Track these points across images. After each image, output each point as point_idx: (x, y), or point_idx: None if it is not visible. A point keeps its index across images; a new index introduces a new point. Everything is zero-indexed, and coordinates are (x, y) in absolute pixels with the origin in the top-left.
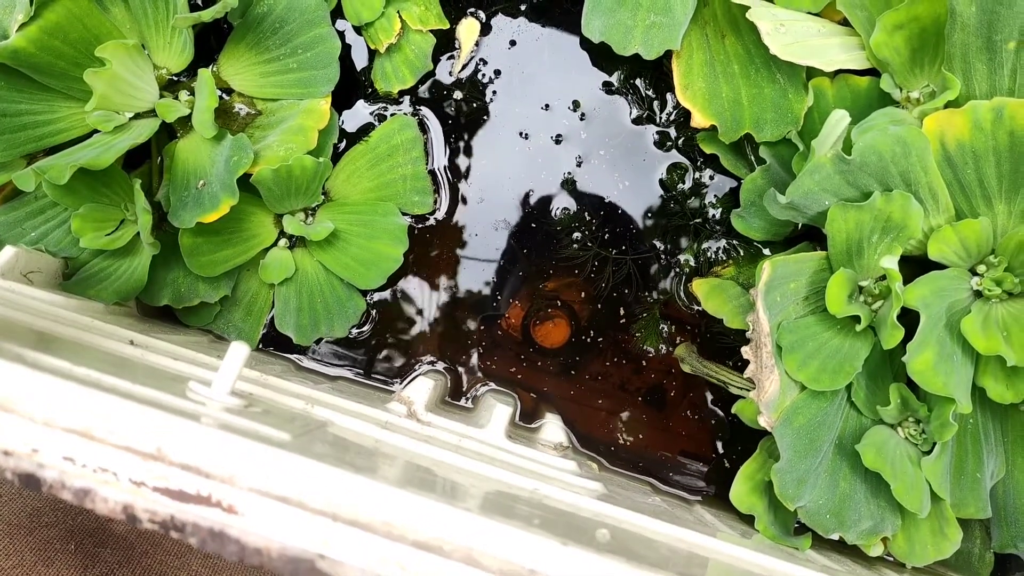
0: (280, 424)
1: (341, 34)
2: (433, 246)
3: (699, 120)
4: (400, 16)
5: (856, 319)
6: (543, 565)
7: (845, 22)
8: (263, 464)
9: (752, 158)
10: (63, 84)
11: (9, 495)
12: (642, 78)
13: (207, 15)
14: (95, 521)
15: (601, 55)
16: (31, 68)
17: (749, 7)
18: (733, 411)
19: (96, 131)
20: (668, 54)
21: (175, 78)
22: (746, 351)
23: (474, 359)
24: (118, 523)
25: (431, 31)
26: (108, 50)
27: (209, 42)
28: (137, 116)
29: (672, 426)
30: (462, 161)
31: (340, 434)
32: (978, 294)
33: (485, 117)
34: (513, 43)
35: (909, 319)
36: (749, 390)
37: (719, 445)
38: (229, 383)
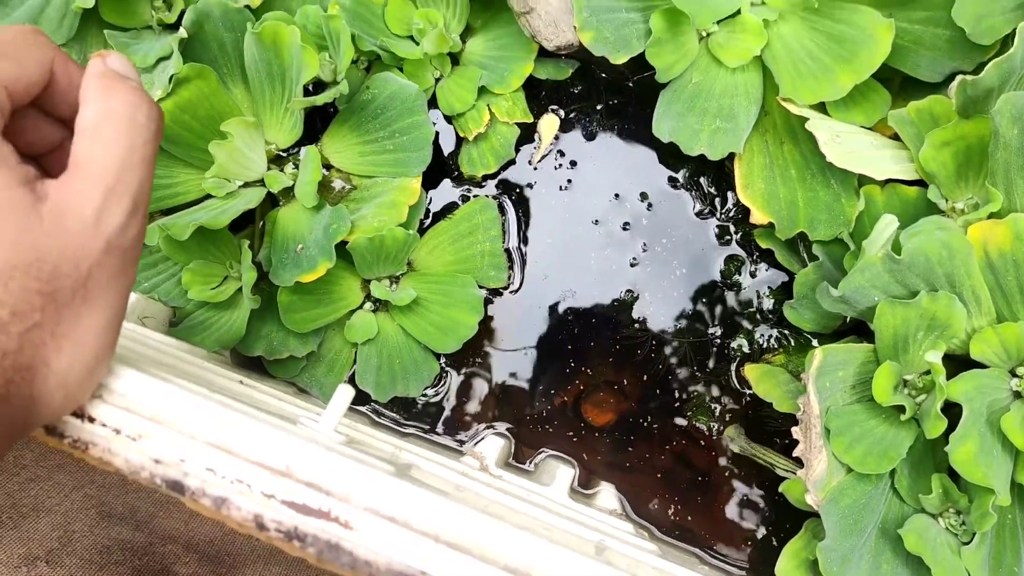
0: (379, 459)
1: (434, 122)
2: (504, 318)
3: (757, 217)
4: (489, 109)
5: (901, 409)
6: None
7: (895, 136)
8: (375, 486)
9: (804, 255)
10: (186, 153)
11: (82, 531)
12: (705, 176)
13: (320, 100)
14: (160, 562)
15: (669, 153)
16: (167, 139)
17: (808, 119)
18: (780, 490)
19: (209, 196)
20: (731, 156)
21: (282, 153)
22: (796, 431)
23: (535, 426)
24: (183, 564)
25: (516, 123)
26: (231, 125)
27: (314, 122)
28: (246, 185)
29: (720, 502)
30: (536, 242)
31: (424, 477)
32: (1017, 395)
33: (560, 203)
34: (589, 138)
35: (951, 414)
36: (794, 472)
37: (764, 523)
38: (335, 421)
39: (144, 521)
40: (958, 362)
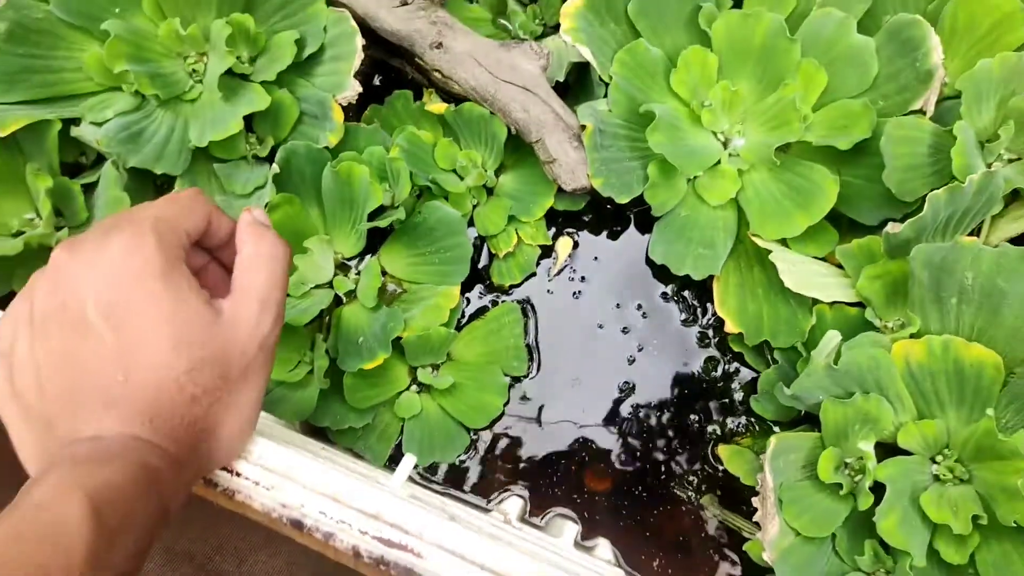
0: (436, 508)
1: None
2: (523, 400)
3: (730, 327)
4: (517, 233)
5: (839, 486)
6: None
7: (840, 266)
8: (438, 527)
9: (768, 358)
10: None
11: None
12: (690, 291)
13: (383, 222)
14: None
15: (660, 272)
16: None
17: (772, 251)
18: (744, 548)
19: (288, 295)
20: (711, 276)
21: (347, 261)
22: (756, 501)
23: (546, 489)
24: None
25: (537, 244)
26: (312, 242)
27: (373, 236)
28: (317, 287)
29: (696, 558)
30: (550, 340)
31: (469, 523)
32: (936, 477)
33: (571, 309)
34: (596, 258)
35: (879, 491)
36: (755, 534)
37: None
38: (403, 479)
39: (202, 563)
40: (890, 448)
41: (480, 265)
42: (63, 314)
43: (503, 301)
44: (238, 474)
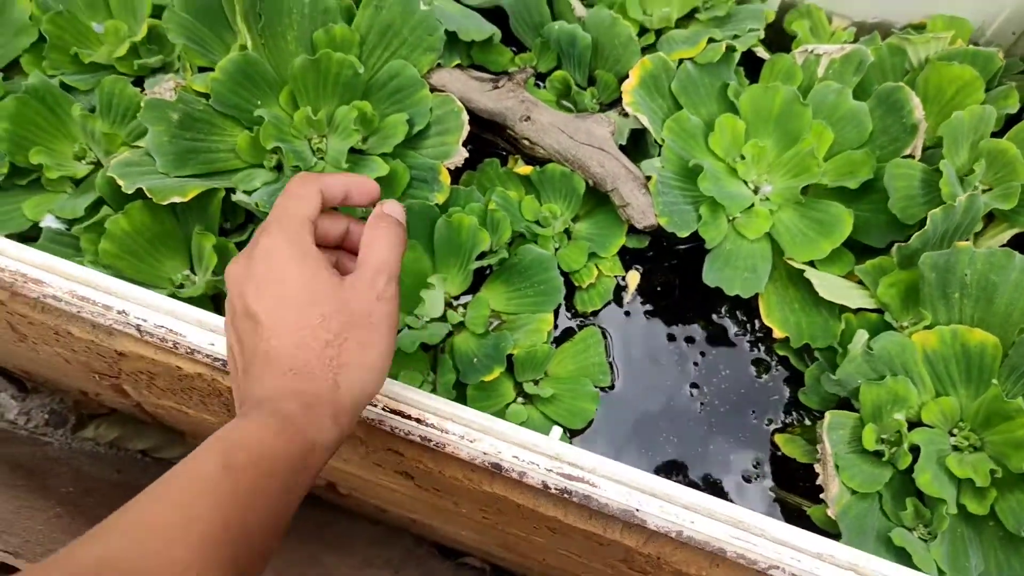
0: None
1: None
2: (608, 406)
3: (777, 333)
4: (597, 267)
5: (880, 454)
6: None
7: (860, 281)
8: (603, 463)
9: (807, 359)
10: (403, 302)
11: None
12: (739, 308)
13: (489, 262)
14: None
15: (715, 293)
16: None
17: (804, 270)
18: (807, 512)
19: (409, 327)
20: (756, 295)
21: (453, 299)
22: (817, 467)
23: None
24: None
25: (614, 276)
26: (435, 279)
27: (474, 277)
28: (432, 320)
29: None
30: (628, 356)
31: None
32: (955, 447)
33: (643, 328)
34: (661, 285)
35: (915, 457)
36: (811, 508)
37: None
38: (556, 438)
39: None
40: (915, 426)
41: (567, 294)
42: (236, 310)
43: (587, 325)
44: (446, 431)
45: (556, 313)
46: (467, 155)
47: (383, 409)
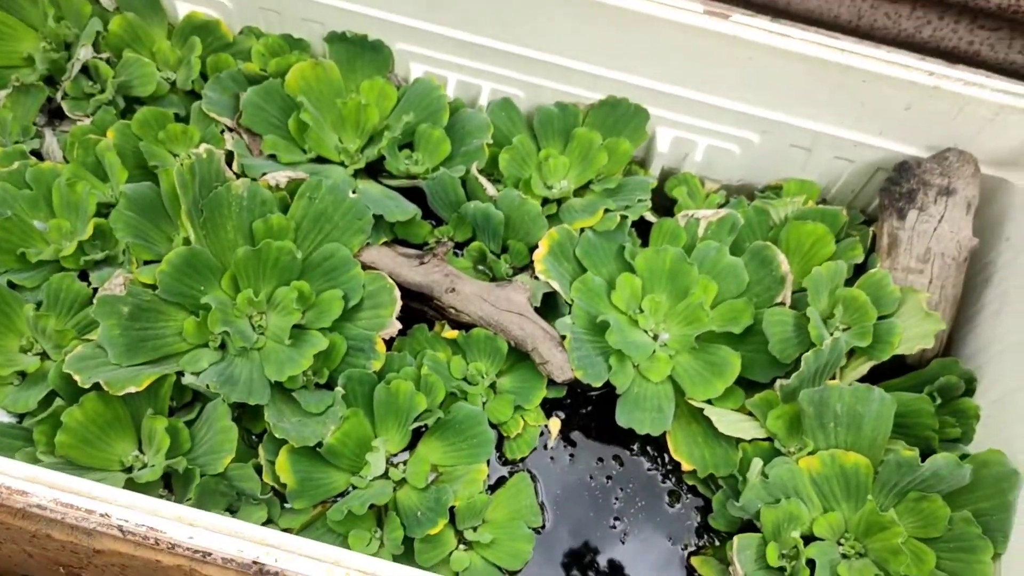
0: None
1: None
2: (542, 543)
3: (686, 466)
4: (523, 418)
5: (783, 569)
6: None
7: (750, 413)
8: None
9: (713, 486)
10: (344, 463)
11: None
12: (650, 445)
13: (429, 421)
14: None
15: (627, 433)
16: (330, 454)
17: (703, 408)
18: None
19: (354, 487)
20: (664, 432)
21: (393, 456)
22: None
23: None
24: None
25: (538, 425)
26: (378, 442)
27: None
28: (375, 479)
29: None
30: (555, 495)
31: None
32: (844, 555)
33: (567, 469)
34: (579, 428)
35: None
36: None
37: None
38: None
39: None
40: (808, 539)
41: (496, 445)
42: None
43: (517, 471)
44: None
45: (488, 462)
46: (400, 326)
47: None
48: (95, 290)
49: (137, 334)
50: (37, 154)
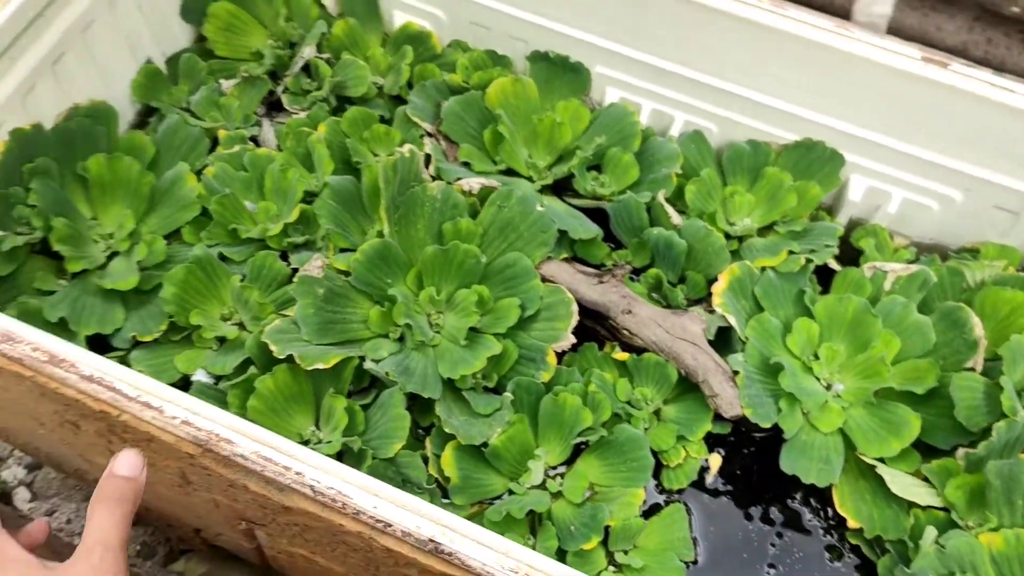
0: None
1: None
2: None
3: (851, 523)
4: (684, 448)
5: None
6: None
7: (926, 479)
8: None
9: (878, 549)
10: (506, 467)
11: None
12: (814, 496)
13: (585, 439)
14: None
15: (791, 480)
16: (492, 456)
17: (877, 466)
18: None
19: (511, 492)
20: (830, 485)
21: (551, 468)
22: None
23: None
24: None
25: (700, 458)
26: (536, 461)
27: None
28: (532, 488)
29: None
30: (711, 533)
31: None
32: None
33: (724, 507)
34: (741, 467)
35: None
36: None
37: None
38: None
39: None
40: None
41: (654, 472)
42: None
43: (672, 501)
44: None
45: (644, 488)
46: (574, 340)
47: None
48: (294, 270)
49: (328, 316)
50: (254, 140)
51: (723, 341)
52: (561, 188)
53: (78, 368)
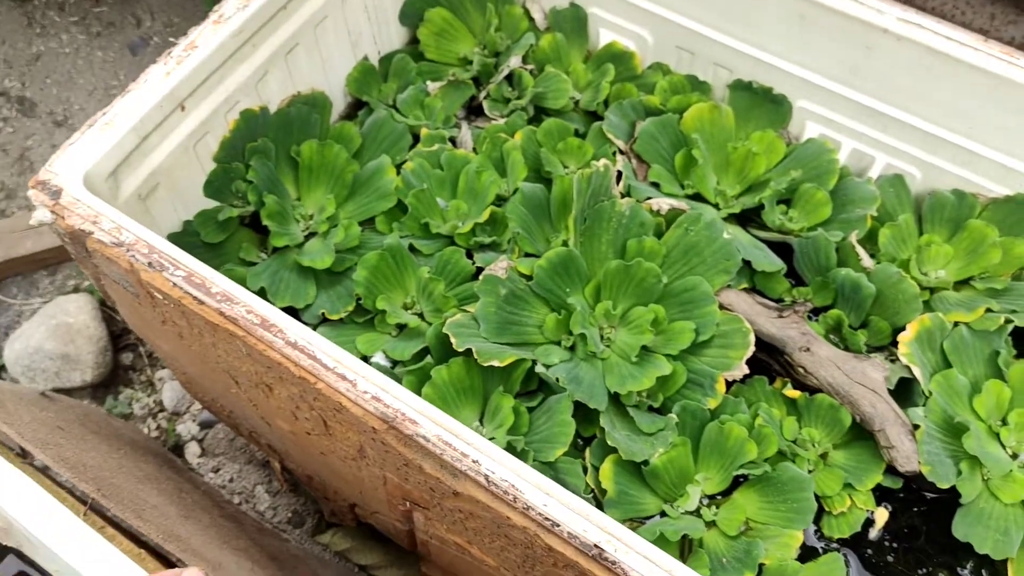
0: None
1: None
2: None
3: None
4: (850, 497)
5: None
6: None
7: None
8: None
9: None
10: (662, 488)
11: None
12: (987, 566)
13: (747, 472)
14: None
15: (962, 547)
16: (651, 475)
17: None
18: None
19: (664, 514)
20: (1007, 560)
21: (707, 496)
22: None
23: None
24: None
25: (866, 509)
26: (694, 486)
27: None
28: (685, 513)
29: None
30: None
31: None
32: None
33: (886, 566)
34: (909, 526)
35: None
36: None
37: None
38: None
39: None
40: None
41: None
42: None
43: (830, 549)
44: None
45: (803, 531)
46: (747, 371)
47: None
48: (478, 269)
49: (507, 316)
50: (453, 141)
51: (903, 393)
52: (747, 219)
53: (286, 334)
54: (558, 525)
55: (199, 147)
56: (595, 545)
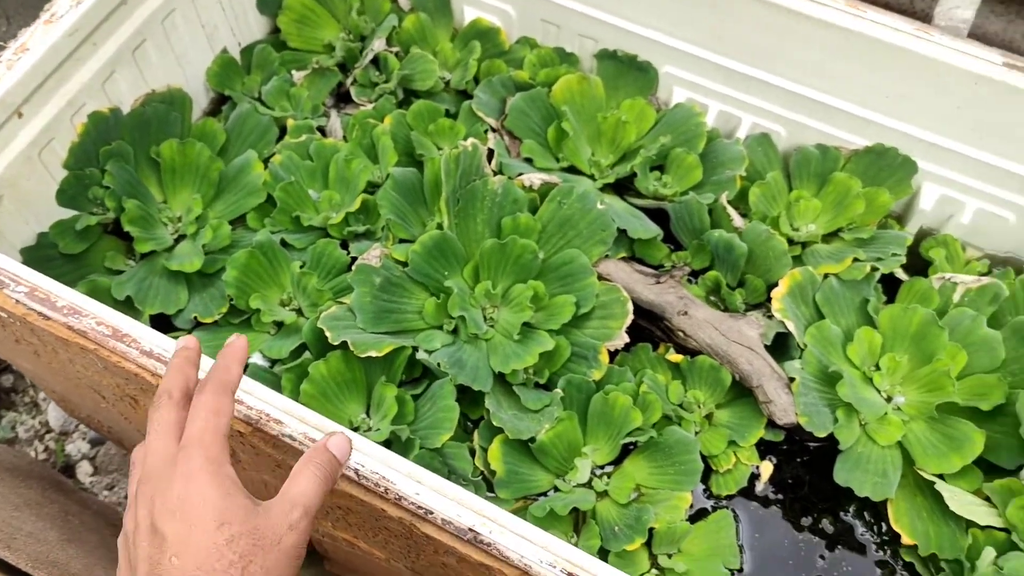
0: None
1: None
2: None
3: (905, 540)
4: (735, 454)
5: None
6: None
7: (987, 498)
8: None
9: (932, 568)
10: (554, 464)
11: None
12: (867, 510)
13: (634, 439)
14: None
15: (844, 492)
16: (540, 452)
17: (935, 482)
18: None
19: (556, 489)
20: (885, 499)
21: (598, 467)
22: None
23: None
24: None
25: (750, 464)
26: (587, 449)
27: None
28: (578, 486)
29: None
30: (756, 539)
31: None
32: None
33: (771, 516)
34: (793, 477)
35: None
36: None
37: None
38: None
39: None
40: None
41: (703, 477)
42: (140, 525)
43: (720, 507)
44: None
45: (692, 492)
46: (628, 340)
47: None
48: (352, 259)
49: (384, 304)
50: (322, 130)
51: (781, 347)
52: (623, 187)
53: (139, 343)
54: (431, 512)
55: (45, 155)
56: (470, 529)
